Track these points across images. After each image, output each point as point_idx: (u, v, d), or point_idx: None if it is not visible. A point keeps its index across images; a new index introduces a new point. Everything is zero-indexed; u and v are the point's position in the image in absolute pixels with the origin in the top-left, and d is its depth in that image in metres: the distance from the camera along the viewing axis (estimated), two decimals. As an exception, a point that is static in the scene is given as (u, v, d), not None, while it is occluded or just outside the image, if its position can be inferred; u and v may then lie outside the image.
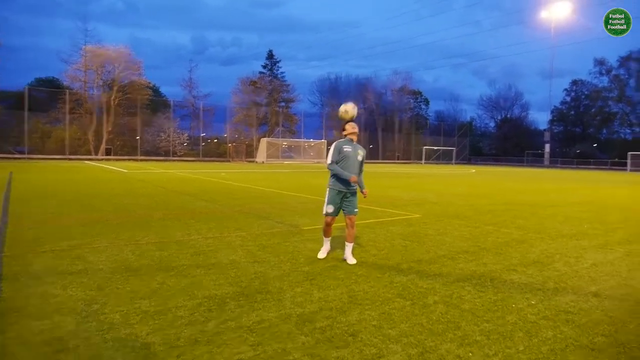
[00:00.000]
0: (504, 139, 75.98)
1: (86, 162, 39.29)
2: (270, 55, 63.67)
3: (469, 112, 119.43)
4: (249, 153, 52.73)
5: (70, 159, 42.74)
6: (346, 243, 5.32)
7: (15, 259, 5.01)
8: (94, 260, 5.01)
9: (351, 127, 5.28)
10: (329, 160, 5.24)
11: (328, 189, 5.31)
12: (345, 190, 5.23)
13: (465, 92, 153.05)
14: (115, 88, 47.64)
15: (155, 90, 57.77)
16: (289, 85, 63.00)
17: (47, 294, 3.87)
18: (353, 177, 5.11)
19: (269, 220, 8.07)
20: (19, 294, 3.87)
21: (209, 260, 5.18)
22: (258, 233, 6.84)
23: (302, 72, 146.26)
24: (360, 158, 5.29)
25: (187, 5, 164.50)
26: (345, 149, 5.19)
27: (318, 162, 51.99)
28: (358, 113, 5.47)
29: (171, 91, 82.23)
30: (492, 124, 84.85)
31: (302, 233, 7.00)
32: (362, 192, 5.40)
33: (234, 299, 3.84)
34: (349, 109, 5.29)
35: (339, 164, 5.20)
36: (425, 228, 7.57)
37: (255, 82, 59.40)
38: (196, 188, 14.55)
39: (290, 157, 52.97)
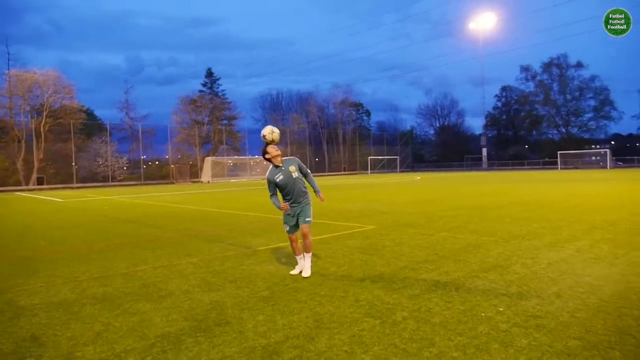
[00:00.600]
0: (443, 146, 78.87)
1: (16, 193, 36.62)
2: (209, 73, 62.83)
3: (408, 121, 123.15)
4: (194, 173, 51.31)
5: (-3, 191, 39.67)
6: (304, 254, 5.31)
7: None
8: (26, 305, 4.49)
9: (274, 150, 5.25)
10: (269, 194, 5.33)
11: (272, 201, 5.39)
12: (297, 206, 5.30)
13: (403, 102, 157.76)
14: (45, 113, 44.94)
15: (89, 114, 55.19)
16: (230, 102, 62.31)
17: (-29, 351, 3.37)
18: (283, 207, 5.17)
19: (220, 243, 7.70)
20: (-64, 353, 3.34)
21: (160, 292, 4.78)
22: (210, 258, 6.47)
23: (241, 90, 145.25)
24: (296, 174, 5.24)
25: (118, 26, 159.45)
26: (277, 179, 5.22)
27: (265, 179, 51.37)
28: (282, 133, 5.64)
29: (107, 114, 78.95)
30: (431, 132, 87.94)
31: (257, 254, 6.70)
32: (317, 196, 5.47)
33: (191, 335, 3.51)
34: (271, 132, 5.25)
35: (283, 192, 5.25)
36: (382, 239, 7.49)
37: (195, 100, 58.17)
38: (139, 214, 13.81)
39: (237, 175, 52.07)
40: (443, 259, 5.87)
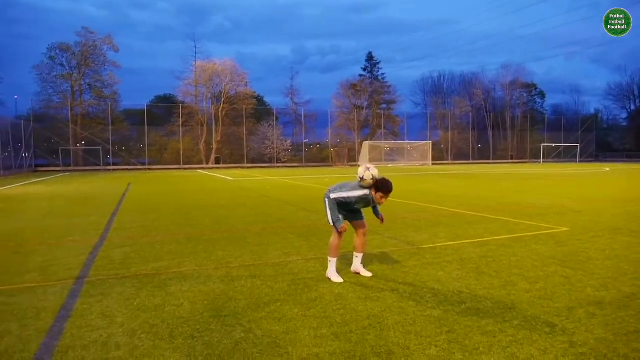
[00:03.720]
0: (639, 132, 66.51)
1: (198, 171, 41.43)
2: (370, 57, 62.53)
3: (592, 103, 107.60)
4: (352, 157, 51.99)
5: (184, 169, 45.50)
6: (355, 254, 4.76)
7: (95, 287, 4.40)
8: (175, 291, 4.21)
9: (382, 199, 4.46)
10: (335, 195, 4.54)
11: (327, 200, 4.62)
12: (350, 215, 4.73)
13: (584, 83, 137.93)
14: (223, 99, 49.93)
15: (260, 100, 59.65)
16: (389, 86, 61.28)
17: (110, 343, 3.06)
18: (343, 227, 4.43)
19: (378, 235, 6.86)
20: (79, 340, 3.11)
21: (310, 293, 4.11)
22: (367, 253, 5.64)
23: (401, 74, 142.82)
24: (362, 207, 4.74)
25: (286, 18, 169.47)
26: (357, 204, 4.59)
27: (423, 165, 49.66)
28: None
29: (274, 101, 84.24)
30: (623, 116, 74.93)
31: (421, 253, 5.70)
32: (377, 217, 4.85)
33: (342, 366, 2.70)
34: (373, 174, 4.46)
35: (346, 208, 4.63)
36: (584, 248, 5.82)
37: (355, 85, 58.63)
38: (299, 196, 13.83)
39: (394, 160, 51.26)
40: (693, 287, 4.11)
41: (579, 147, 59.77)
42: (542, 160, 56.98)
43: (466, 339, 3.06)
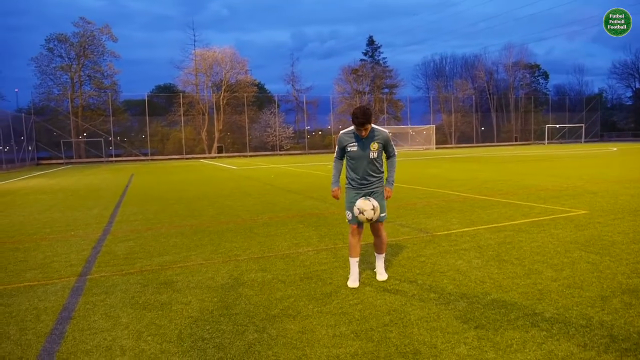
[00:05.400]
0: (644, 111, 65.78)
1: (201, 160, 41.20)
2: (370, 42, 61.75)
3: (595, 83, 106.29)
4: (354, 143, 51.60)
5: (186, 159, 45.30)
6: (375, 254, 4.21)
7: (98, 284, 4.20)
8: (183, 288, 4.00)
9: (358, 130, 3.94)
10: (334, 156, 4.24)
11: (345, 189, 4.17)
12: (362, 189, 3.99)
13: (585, 62, 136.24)
14: (223, 88, 49.50)
15: (261, 87, 59.15)
16: (391, 70, 60.59)
17: (114, 347, 2.86)
18: (334, 193, 4.17)
19: (390, 223, 6.62)
20: (81, 345, 2.91)
21: (324, 287, 3.90)
22: (380, 242, 5.42)
23: (401, 58, 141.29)
24: (375, 154, 3.94)
25: (284, 4, 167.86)
26: (350, 148, 3.98)
27: (427, 149, 49.30)
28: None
29: (275, 88, 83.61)
30: (628, 94, 74.08)
31: (436, 241, 5.47)
32: (385, 187, 4.12)
33: (366, 368, 2.48)
34: (366, 210, 3.81)
35: (350, 165, 4.05)
36: (606, 231, 5.58)
37: (356, 70, 58.01)
38: (304, 184, 13.59)
39: (397, 145, 50.90)
40: None
41: (583, 127, 59.22)
42: (546, 141, 56.49)
43: (497, 334, 2.83)
